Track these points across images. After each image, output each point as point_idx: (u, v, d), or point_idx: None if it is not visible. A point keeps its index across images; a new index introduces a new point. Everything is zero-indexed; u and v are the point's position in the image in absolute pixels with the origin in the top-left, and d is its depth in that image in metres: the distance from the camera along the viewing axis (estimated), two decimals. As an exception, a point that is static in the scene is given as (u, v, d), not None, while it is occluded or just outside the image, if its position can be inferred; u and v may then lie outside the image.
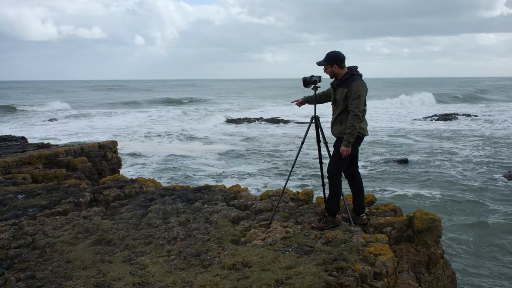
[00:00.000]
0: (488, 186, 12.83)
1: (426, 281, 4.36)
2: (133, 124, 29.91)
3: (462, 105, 49.32)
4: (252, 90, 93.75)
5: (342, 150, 4.26)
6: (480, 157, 17.41)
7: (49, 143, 10.39)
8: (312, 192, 5.76)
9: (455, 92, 71.77)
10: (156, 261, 3.81)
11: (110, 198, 5.94)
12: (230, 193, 5.99)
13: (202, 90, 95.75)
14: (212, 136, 24.40)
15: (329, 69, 4.38)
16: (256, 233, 4.45)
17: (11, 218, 5.06)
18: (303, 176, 14.22)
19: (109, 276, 3.56)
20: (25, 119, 33.70)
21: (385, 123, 31.08)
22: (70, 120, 33.47)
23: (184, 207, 5.38)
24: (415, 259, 4.38)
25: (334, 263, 3.57)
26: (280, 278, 3.35)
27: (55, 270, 3.73)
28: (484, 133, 24.52)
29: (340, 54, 4.34)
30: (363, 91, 4.24)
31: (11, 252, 4.13)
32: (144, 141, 22.48)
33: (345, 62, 4.36)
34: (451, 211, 10.47)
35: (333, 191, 4.45)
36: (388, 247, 3.94)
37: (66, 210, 5.40)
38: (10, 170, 7.71)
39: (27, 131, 24.78)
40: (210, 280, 3.38)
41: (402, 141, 22.00)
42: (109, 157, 10.02)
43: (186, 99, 60.79)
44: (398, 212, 5.01)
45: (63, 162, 8.54)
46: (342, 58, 4.33)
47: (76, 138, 23.09)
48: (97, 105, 49.98)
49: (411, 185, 13.04)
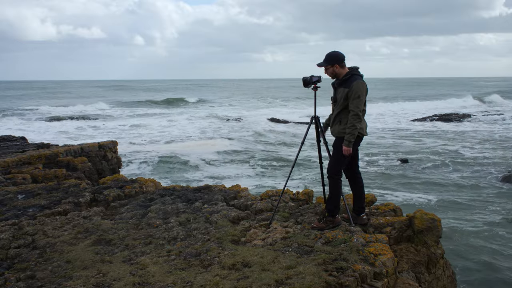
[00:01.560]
0: (488, 186, 12.82)
1: (426, 281, 4.36)
2: (209, 128, 28.12)
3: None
4: (267, 90, 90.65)
5: (344, 150, 4.28)
6: (480, 157, 17.41)
7: (49, 143, 10.38)
8: (312, 192, 5.76)
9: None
10: (156, 261, 3.81)
11: (110, 198, 5.94)
12: (230, 193, 5.99)
13: (217, 90, 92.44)
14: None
15: (330, 69, 4.39)
16: (256, 233, 4.44)
17: (11, 218, 5.06)
18: (303, 176, 14.22)
19: (109, 276, 3.56)
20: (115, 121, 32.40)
21: (386, 123, 31.08)
22: (152, 121, 32.22)
23: (184, 207, 5.38)
24: (415, 259, 4.37)
25: (334, 263, 3.57)
26: (280, 278, 3.35)
27: (55, 270, 3.73)
28: (488, 134, 24.52)
29: (339, 54, 4.36)
30: (364, 91, 4.25)
31: (11, 252, 4.13)
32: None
33: (345, 61, 4.38)
34: (451, 211, 10.47)
35: (333, 191, 4.45)
36: (388, 247, 3.94)
37: (66, 210, 5.40)
38: (10, 170, 7.71)
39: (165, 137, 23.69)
40: (210, 280, 3.38)
41: (403, 141, 22.00)
42: (109, 157, 10.02)
43: (215, 101, 58.97)
44: (398, 212, 5.01)
45: (63, 162, 8.54)
46: (342, 57, 4.35)
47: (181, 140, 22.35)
48: (138, 105, 48.99)
49: (411, 185, 13.03)
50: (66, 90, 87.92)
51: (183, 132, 26.00)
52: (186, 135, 24.71)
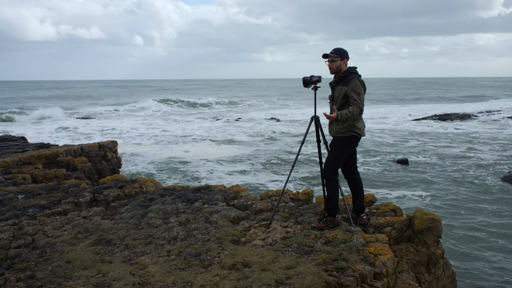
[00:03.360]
0: (488, 186, 12.83)
1: (426, 281, 4.36)
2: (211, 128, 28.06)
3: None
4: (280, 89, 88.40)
5: (324, 113, 4.05)
6: (480, 157, 17.41)
7: (49, 143, 10.38)
8: (312, 192, 5.76)
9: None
10: (156, 261, 3.81)
11: (110, 198, 5.94)
12: (230, 193, 5.99)
13: (231, 90, 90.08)
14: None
15: (338, 62, 4.36)
16: (256, 233, 4.44)
17: (11, 218, 5.06)
18: (303, 176, 14.22)
19: (109, 276, 3.56)
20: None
21: (386, 123, 31.07)
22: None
23: (184, 207, 5.38)
24: (415, 259, 4.37)
25: (334, 263, 3.57)
26: (280, 278, 3.35)
27: (55, 270, 3.73)
28: (488, 134, 24.51)
29: (347, 51, 4.42)
30: (362, 88, 4.26)
31: (11, 252, 4.13)
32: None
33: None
34: (451, 211, 10.47)
35: (331, 191, 4.45)
36: (388, 247, 3.94)
37: (66, 210, 5.40)
38: (10, 170, 7.71)
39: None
40: (210, 280, 3.38)
41: (403, 141, 21.99)
42: (109, 157, 10.02)
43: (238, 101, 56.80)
44: (398, 212, 5.01)
45: (63, 162, 8.54)
46: (348, 55, 4.42)
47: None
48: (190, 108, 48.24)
49: (411, 185, 13.04)
50: (104, 91, 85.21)
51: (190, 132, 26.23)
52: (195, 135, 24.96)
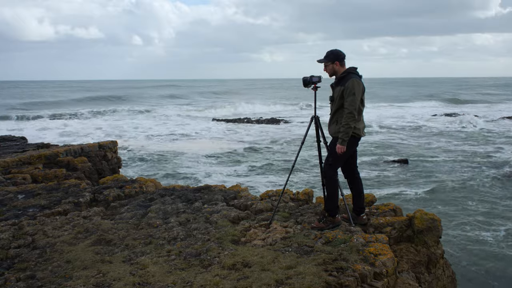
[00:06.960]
0: (488, 185, 12.82)
1: (426, 281, 4.36)
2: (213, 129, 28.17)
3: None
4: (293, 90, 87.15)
5: (338, 148, 4.25)
6: (481, 157, 17.40)
7: (49, 143, 10.38)
8: (312, 192, 5.76)
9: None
10: (156, 261, 3.81)
11: (110, 198, 5.94)
12: (230, 193, 5.99)
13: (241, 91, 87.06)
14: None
15: (330, 66, 4.38)
16: (256, 233, 4.44)
17: (11, 218, 5.06)
18: (303, 176, 14.21)
19: (109, 276, 3.55)
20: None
21: (387, 123, 31.06)
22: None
23: (184, 207, 5.38)
24: (415, 259, 4.37)
25: (334, 263, 3.57)
26: (280, 278, 3.35)
27: (55, 270, 3.73)
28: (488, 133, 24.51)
29: (340, 52, 4.38)
30: (359, 89, 4.24)
31: (11, 252, 4.13)
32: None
33: (345, 60, 4.38)
34: (451, 211, 10.46)
35: (330, 191, 4.45)
36: (388, 247, 3.94)
37: (66, 210, 5.40)
38: (10, 170, 7.71)
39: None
40: (210, 280, 3.38)
41: (403, 141, 21.99)
42: (109, 157, 10.02)
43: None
44: (398, 212, 5.01)
45: (63, 162, 8.53)
46: (342, 55, 4.37)
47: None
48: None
49: (411, 185, 13.03)
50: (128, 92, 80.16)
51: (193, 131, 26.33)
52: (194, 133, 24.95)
